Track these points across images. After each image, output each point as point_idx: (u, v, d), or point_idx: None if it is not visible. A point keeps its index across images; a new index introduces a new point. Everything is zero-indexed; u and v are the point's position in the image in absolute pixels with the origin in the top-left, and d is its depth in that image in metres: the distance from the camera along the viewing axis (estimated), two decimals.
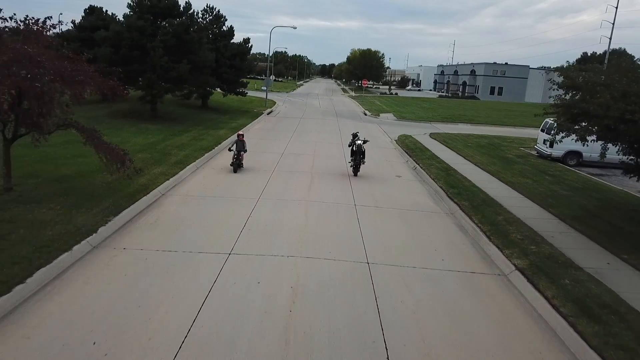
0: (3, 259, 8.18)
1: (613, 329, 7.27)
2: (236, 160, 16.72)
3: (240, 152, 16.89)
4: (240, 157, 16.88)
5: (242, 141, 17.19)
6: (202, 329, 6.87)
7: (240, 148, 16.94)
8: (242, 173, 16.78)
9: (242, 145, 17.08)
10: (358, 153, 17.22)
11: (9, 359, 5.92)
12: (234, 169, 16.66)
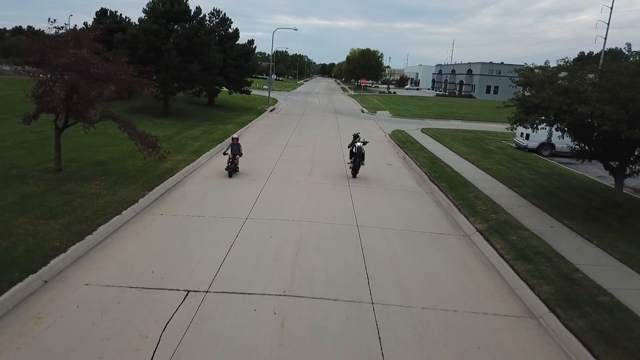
0: (72, 219, 10.52)
1: (540, 267, 9.61)
2: (231, 164, 16.12)
3: (235, 155, 16.21)
4: (236, 161, 16.28)
5: (237, 145, 16.38)
6: (230, 265, 9.21)
7: (235, 152, 16.23)
8: (252, 160, 19.11)
9: (237, 148, 16.32)
10: (358, 155, 16.83)
11: (92, 283, 8.25)
12: (229, 173, 16.02)
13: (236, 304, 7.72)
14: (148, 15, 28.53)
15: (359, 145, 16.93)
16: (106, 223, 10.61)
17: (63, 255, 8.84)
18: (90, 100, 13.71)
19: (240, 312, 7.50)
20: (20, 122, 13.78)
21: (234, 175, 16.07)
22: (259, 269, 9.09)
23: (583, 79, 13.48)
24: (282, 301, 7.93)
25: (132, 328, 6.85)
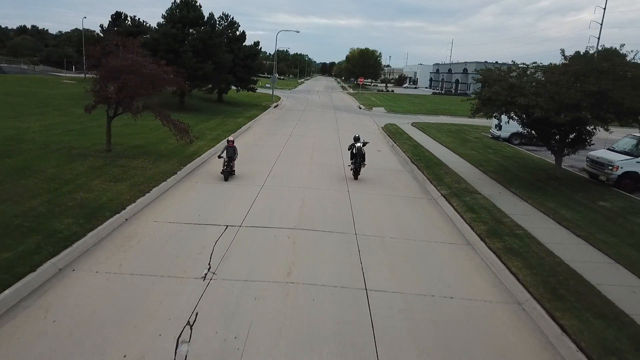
0: (132, 183, 13.95)
1: (481, 215, 13.03)
2: (227, 167, 15.69)
3: (231, 158, 15.81)
4: (232, 164, 15.86)
5: (232, 147, 15.91)
6: (254, 211, 12.64)
7: (231, 154, 15.81)
8: (262, 147, 22.52)
9: (232, 151, 15.88)
10: (358, 156, 16.76)
11: (159, 220, 11.67)
12: (225, 176, 15.61)
13: (262, 232, 11.18)
14: (166, 20, 31.96)
15: (359, 145, 16.85)
16: (157, 186, 14.04)
17: (133, 204, 12.27)
18: (135, 95, 17.13)
19: (265, 236, 10.95)
20: (66, 112, 17.19)
21: (230, 178, 15.67)
22: (275, 214, 12.54)
23: (528, 77, 16.92)
24: (293, 231, 11.38)
25: (193, 244, 10.29)
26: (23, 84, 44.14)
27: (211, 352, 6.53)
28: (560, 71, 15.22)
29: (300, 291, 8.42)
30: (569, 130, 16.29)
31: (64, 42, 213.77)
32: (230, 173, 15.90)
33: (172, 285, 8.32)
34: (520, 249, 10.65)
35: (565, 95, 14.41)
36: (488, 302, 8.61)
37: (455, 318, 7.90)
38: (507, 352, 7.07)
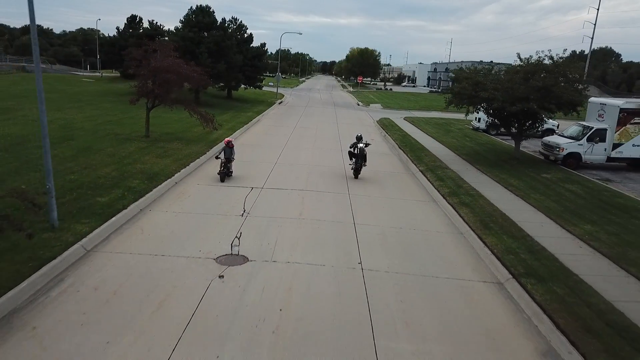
0: (173, 159, 17.71)
1: (447, 183, 16.79)
2: (224, 168, 15.76)
3: (228, 159, 15.84)
4: (229, 165, 15.89)
5: (230, 148, 15.93)
6: (272, 177, 16.39)
7: (228, 155, 15.85)
8: (272, 136, 26.25)
9: (230, 152, 15.90)
10: (359, 156, 16.97)
11: (201, 184, 15.42)
12: (221, 177, 15.61)
13: (279, 192, 14.94)
14: (184, 25, 35.69)
15: (361, 146, 16.98)
16: (193, 162, 17.81)
17: (179, 173, 16.02)
18: (170, 90, 20.89)
19: (281, 194, 14.71)
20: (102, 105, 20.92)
21: (227, 180, 15.67)
22: (288, 181, 16.30)
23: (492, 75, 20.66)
24: (302, 191, 15.15)
25: (229, 198, 14.04)
26: (48, 82, 47.84)
27: (253, 250, 10.28)
28: (514, 71, 18.99)
29: (309, 223, 12.17)
30: (524, 119, 20.04)
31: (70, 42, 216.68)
32: (227, 174, 15.84)
33: (221, 219, 12.09)
34: (470, 203, 14.40)
35: (517, 90, 18.17)
36: (440, 232, 12.37)
37: (415, 240, 11.65)
38: (448, 256, 10.81)
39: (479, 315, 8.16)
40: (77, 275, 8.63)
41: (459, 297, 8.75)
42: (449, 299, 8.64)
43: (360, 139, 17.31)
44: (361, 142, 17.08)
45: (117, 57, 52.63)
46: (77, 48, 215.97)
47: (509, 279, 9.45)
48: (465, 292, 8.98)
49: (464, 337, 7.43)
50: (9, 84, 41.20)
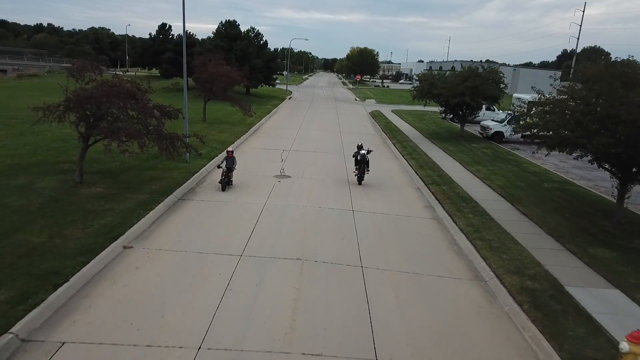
0: (229, 134, 27.01)
1: (407, 150, 26.07)
2: (225, 177, 16.18)
3: (230, 169, 16.30)
4: (230, 175, 16.34)
5: (232, 158, 16.48)
6: (295, 146, 25.70)
7: (230, 165, 16.32)
8: (289, 121, 35.50)
9: (232, 161, 16.41)
10: (362, 162, 17.85)
11: (250, 149, 24.73)
12: (222, 186, 16.08)
13: (301, 153, 24.23)
14: (216, 35, 44.88)
15: (363, 153, 17.92)
16: (242, 136, 27.08)
17: (238, 140, 25.30)
18: (226, 89, 30.11)
19: (302, 154, 24.01)
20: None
21: (227, 188, 16.24)
22: (305, 146, 25.53)
23: (444, 78, 29.82)
24: (315, 152, 24.46)
25: (273, 154, 23.32)
26: None
27: (292, 173, 19.55)
28: (456, 74, 28.25)
29: (320, 164, 21.45)
30: (464, 108, 29.25)
31: (82, 40, 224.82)
32: (228, 183, 16.31)
33: (269, 163, 21.38)
34: (417, 158, 23.66)
35: (456, 88, 27.42)
36: (394, 172, 21.64)
37: (381, 175, 20.89)
38: (397, 180, 20.08)
39: (404, 195, 17.44)
40: (210, 178, 17.95)
41: (397, 191, 18.04)
42: (391, 187, 17.92)
43: (361, 147, 18.34)
44: (363, 149, 18.12)
45: (151, 59, 61.97)
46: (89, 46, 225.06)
47: (423, 186, 18.73)
48: (401, 190, 18.26)
49: (394, 197, 16.70)
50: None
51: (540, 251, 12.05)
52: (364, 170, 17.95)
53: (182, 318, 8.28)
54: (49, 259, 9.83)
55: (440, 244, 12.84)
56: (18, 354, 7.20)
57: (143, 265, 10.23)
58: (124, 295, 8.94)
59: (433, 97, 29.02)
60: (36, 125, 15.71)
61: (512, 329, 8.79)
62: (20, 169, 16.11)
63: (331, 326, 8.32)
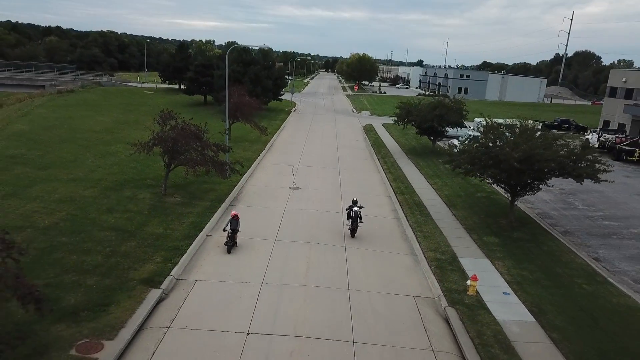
0: (251, 151, 35.01)
1: (387, 164, 34.04)
2: (230, 239, 17.07)
3: (234, 230, 17.15)
4: (235, 237, 17.22)
5: (236, 220, 17.27)
6: (306, 149, 33.66)
7: (234, 226, 17.15)
8: (297, 131, 43.49)
9: (236, 223, 17.23)
10: (355, 219, 18.99)
11: (268, 164, 32.70)
12: (228, 249, 17.01)
13: (311, 148, 32.24)
14: (232, 61, 52.75)
15: (356, 210, 18.98)
16: (262, 153, 35.02)
17: (258, 158, 33.28)
18: (245, 114, 38.03)
19: (312, 151, 32.03)
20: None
21: (233, 250, 17.28)
22: (312, 151, 33.52)
23: (419, 106, 37.75)
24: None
25: (286, 166, 31.30)
26: (123, 96, 65.19)
27: (302, 186, 27.48)
28: (427, 104, 36.17)
29: (322, 177, 29.36)
30: (433, 131, 37.18)
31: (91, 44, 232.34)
32: (233, 245, 17.20)
33: (284, 177, 29.30)
34: (394, 173, 31.54)
35: (426, 116, 35.37)
36: (375, 183, 29.55)
37: (363, 183, 28.82)
38: (375, 188, 28.04)
39: (378, 202, 25.38)
40: (245, 189, 25.89)
41: (375, 198, 26.01)
42: (371, 196, 25.86)
43: (355, 202, 19.45)
44: (356, 206, 19.23)
45: (171, 74, 69.89)
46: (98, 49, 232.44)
47: (393, 195, 26.65)
48: (378, 197, 26.16)
49: (372, 202, 24.68)
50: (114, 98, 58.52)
51: (453, 238, 20.01)
52: (357, 225, 19.21)
53: (252, 268, 16.22)
54: (169, 241, 17.80)
55: (395, 234, 20.81)
56: (175, 286, 15.09)
57: (220, 245, 18.18)
58: (217, 258, 16.92)
59: (410, 121, 36.95)
60: (108, 147, 23.80)
61: (422, 277, 16.74)
62: (121, 184, 24.10)
63: (326, 274, 16.28)
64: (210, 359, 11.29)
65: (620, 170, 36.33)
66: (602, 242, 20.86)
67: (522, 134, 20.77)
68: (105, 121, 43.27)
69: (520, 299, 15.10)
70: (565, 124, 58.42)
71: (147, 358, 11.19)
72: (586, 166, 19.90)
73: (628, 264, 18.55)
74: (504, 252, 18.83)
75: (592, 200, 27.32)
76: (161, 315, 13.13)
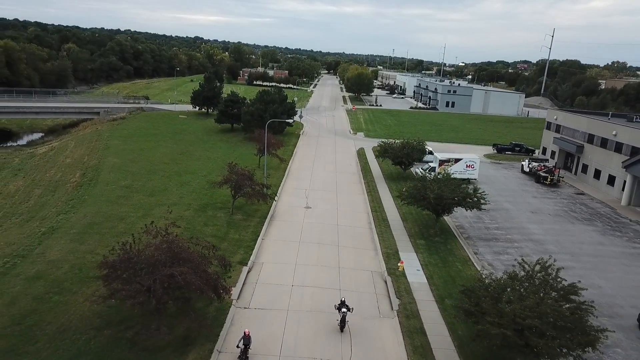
0: (276, 177, 50.53)
1: (369, 184, 49.59)
2: (243, 355, 18.74)
3: (247, 346, 18.64)
4: (247, 352, 18.94)
5: (248, 337, 18.97)
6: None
7: (247, 342, 18.87)
8: (307, 152, 58.95)
9: (248, 340, 19.02)
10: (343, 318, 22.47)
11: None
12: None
13: (316, 192, 47.80)
14: (255, 100, 68.17)
15: (344, 311, 22.50)
16: (282, 179, 50.51)
17: (283, 179, 48.88)
18: (270, 150, 53.52)
19: (320, 172, 47.60)
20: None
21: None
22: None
23: (393, 144, 53.11)
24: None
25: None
26: (164, 121, 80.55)
27: (313, 206, 42.98)
28: (399, 143, 51.59)
29: (326, 198, 44.86)
30: (403, 163, 52.50)
31: (108, 52, 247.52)
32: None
33: (299, 199, 44.81)
34: (373, 195, 46.98)
35: (397, 153, 50.76)
36: (359, 202, 45.03)
37: (350, 198, 44.30)
38: (357, 201, 43.55)
39: (359, 217, 40.87)
40: (277, 209, 41.43)
41: (357, 214, 41.50)
42: (356, 212, 41.32)
43: (343, 303, 22.82)
44: (344, 306, 22.54)
45: (202, 102, 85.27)
46: (115, 57, 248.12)
47: (370, 212, 42.11)
48: (359, 213, 41.61)
49: (355, 217, 40.17)
50: (167, 125, 74.03)
51: (399, 241, 35.52)
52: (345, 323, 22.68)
53: (289, 257, 31.79)
54: (244, 242, 33.37)
55: (367, 239, 36.26)
56: (253, 267, 30.61)
57: (273, 244, 33.57)
58: (273, 252, 32.48)
59: (387, 156, 52.29)
60: (181, 177, 39.89)
61: (377, 262, 32.22)
62: (204, 207, 39.62)
63: (327, 259, 31.79)
64: (277, 296, 26.74)
65: (533, 192, 51.91)
66: (485, 243, 36.35)
67: (439, 182, 36.12)
68: (167, 152, 58.82)
69: (423, 272, 30.62)
70: (517, 147, 73.56)
71: (251, 293, 26.71)
72: (474, 201, 35.32)
73: (491, 256, 34.03)
74: (424, 249, 34.36)
75: (497, 216, 42.78)
76: (251, 278, 28.70)
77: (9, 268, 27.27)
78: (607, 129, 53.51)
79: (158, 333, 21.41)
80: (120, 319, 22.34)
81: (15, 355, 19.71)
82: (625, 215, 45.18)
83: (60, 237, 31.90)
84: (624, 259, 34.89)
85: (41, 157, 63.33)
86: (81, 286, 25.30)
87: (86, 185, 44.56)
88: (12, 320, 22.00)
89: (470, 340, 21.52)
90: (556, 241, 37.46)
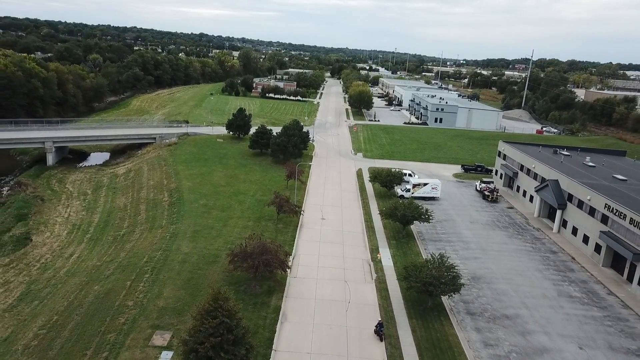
0: (299, 196, 73.74)
1: (364, 203, 72.64)
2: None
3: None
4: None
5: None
6: (323, 214, 72.23)
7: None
8: (320, 171, 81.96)
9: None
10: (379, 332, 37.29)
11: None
12: None
13: (327, 207, 71.04)
14: (280, 134, 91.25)
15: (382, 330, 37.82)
16: (304, 198, 73.63)
17: (303, 200, 72.09)
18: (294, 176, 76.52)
19: (330, 189, 70.79)
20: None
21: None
22: (329, 185, 72.11)
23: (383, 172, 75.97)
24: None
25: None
26: (207, 145, 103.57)
27: (326, 218, 66.13)
28: (385, 171, 74.51)
29: (335, 212, 67.95)
30: (388, 185, 75.31)
31: (132, 63, 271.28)
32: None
33: (317, 212, 68.01)
34: (366, 209, 70.04)
35: (384, 179, 73.81)
36: (358, 208, 68.16)
37: (350, 212, 67.35)
38: (354, 206, 66.70)
39: (356, 224, 64.01)
40: (304, 218, 64.72)
41: (355, 223, 64.64)
42: (353, 222, 64.41)
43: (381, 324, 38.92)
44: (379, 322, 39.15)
45: (235, 129, 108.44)
46: (138, 68, 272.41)
47: (364, 222, 65.24)
48: (356, 223, 64.71)
49: (353, 225, 63.31)
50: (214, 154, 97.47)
51: (380, 241, 58.73)
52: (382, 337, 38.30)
53: (313, 252, 55.03)
54: (287, 241, 56.69)
55: (360, 239, 59.41)
56: (295, 256, 53.86)
57: (304, 243, 56.76)
58: (304, 247, 55.78)
59: (377, 181, 75.16)
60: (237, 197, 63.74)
61: (366, 253, 55.44)
62: (258, 219, 62.95)
63: (336, 252, 55.03)
64: (310, 271, 49.95)
65: (477, 206, 74.82)
66: (433, 243, 59.42)
67: (404, 205, 59.12)
68: (221, 176, 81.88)
69: (392, 260, 53.84)
70: (479, 167, 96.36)
71: (296, 270, 50.02)
72: (426, 217, 58.38)
73: (434, 250, 56.96)
74: (395, 246, 57.58)
75: (446, 225, 65.76)
76: (295, 262, 52.03)
77: (165, 257, 50.47)
78: (530, 162, 76.25)
79: (255, 288, 44.70)
80: (237, 281, 45.60)
81: (191, 297, 42.92)
82: (532, 224, 68.17)
83: (182, 239, 55.08)
84: (515, 253, 57.96)
85: (124, 177, 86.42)
86: (210, 266, 48.55)
87: (177, 204, 67.68)
88: (183, 282, 45.25)
89: (405, 290, 44.74)
90: (477, 242, 60.54)
